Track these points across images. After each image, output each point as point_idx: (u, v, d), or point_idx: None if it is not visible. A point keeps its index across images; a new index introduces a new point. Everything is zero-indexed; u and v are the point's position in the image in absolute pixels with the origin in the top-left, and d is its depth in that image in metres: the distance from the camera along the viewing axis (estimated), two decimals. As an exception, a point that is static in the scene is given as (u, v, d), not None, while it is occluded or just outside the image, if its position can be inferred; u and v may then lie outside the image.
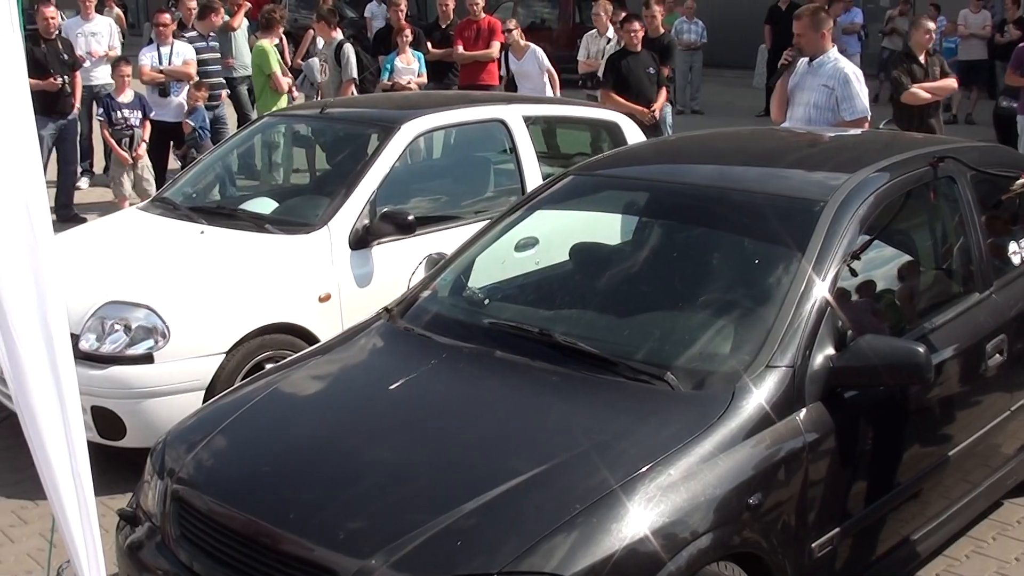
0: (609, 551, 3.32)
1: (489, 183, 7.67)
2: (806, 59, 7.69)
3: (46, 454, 2.91)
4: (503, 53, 13.03)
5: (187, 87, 11.72)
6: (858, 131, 7.02)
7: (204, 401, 5.56)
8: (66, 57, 11.52)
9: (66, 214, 11.27)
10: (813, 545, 3.92)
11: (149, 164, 11.28)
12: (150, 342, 5.72)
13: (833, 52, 7.73)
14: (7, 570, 5.23)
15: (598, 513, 3.39)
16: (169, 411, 5.48)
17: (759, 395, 3.84)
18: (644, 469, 3.53)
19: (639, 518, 3.40)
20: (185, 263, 6.26)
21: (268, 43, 11.95)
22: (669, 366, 4.02)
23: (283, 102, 11.79)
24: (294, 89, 12.51)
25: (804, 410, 3.91)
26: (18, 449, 6.33)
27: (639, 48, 11.06)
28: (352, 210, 6.49)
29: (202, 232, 6.59)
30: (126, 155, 10.98)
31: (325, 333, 5.98)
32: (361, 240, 6.44)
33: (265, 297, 6.07)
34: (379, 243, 6.48)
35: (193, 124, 11.53)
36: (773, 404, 3.84)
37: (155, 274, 6.11)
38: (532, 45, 12.88)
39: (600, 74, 12.73)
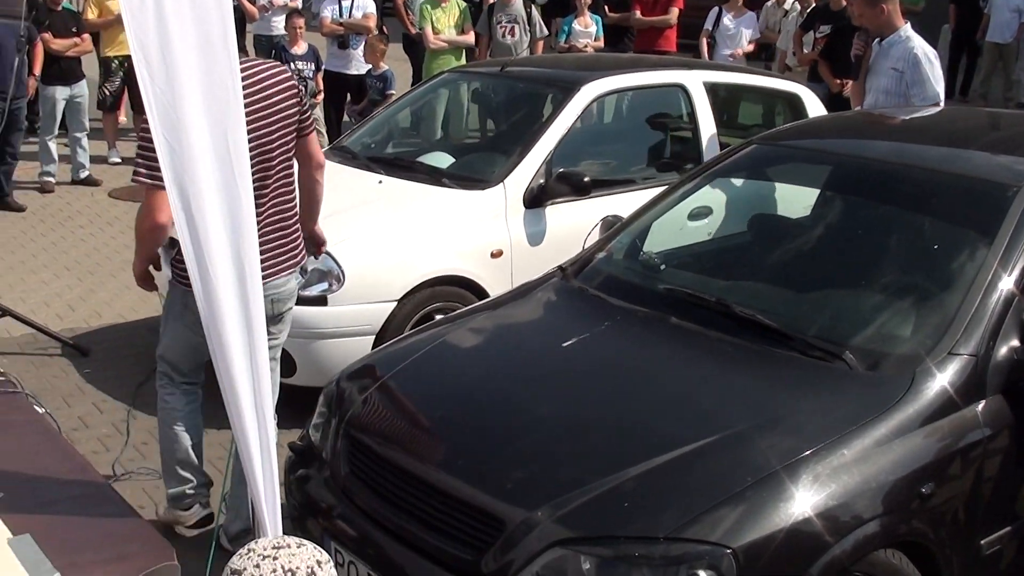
0: (775, 528, 3.25)
1: (665, 149, 7.60)
2: (878, 40, 7.04)
3: (233, 386, 2.96)
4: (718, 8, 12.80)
5: (365, 40, 11.81)
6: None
7: (373, 347, 5.64)
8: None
9: None
10: (982, 542, 3.79)
11: (321, 116, 11.40)
12: (324, 284, 5.83)
13: (905, 30, 6.95)
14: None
15: (767, 488, 3.32)
16: (340, 353, 5.60)
17: (941, 381, 3.72)
18: (817, 447, 3.45)
19: (807, 497, 3.32)
20: (362, 211, 6.35)
21: (428, 4, 11.92)
22: (847, 344, 3.92)
23: (454, 61, 11.78)
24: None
25: (984, 402, 3.77)
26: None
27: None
28: (528, 169, 6.49)
29: (380, 182, 6.67)
30: None
31: (495, 289, 6.03)
32: (536, 199, 6.45)
33: (439, 249, 6.13)
34: (553, 203, 6.47)
35: (372, 80, 11.62)
36: (955, 392, 3.71)
37: (332, 219, 6.18)
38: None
39: (779, 45, 12.51)
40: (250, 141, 3.92)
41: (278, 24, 13.19)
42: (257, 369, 2.98)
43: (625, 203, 6.09)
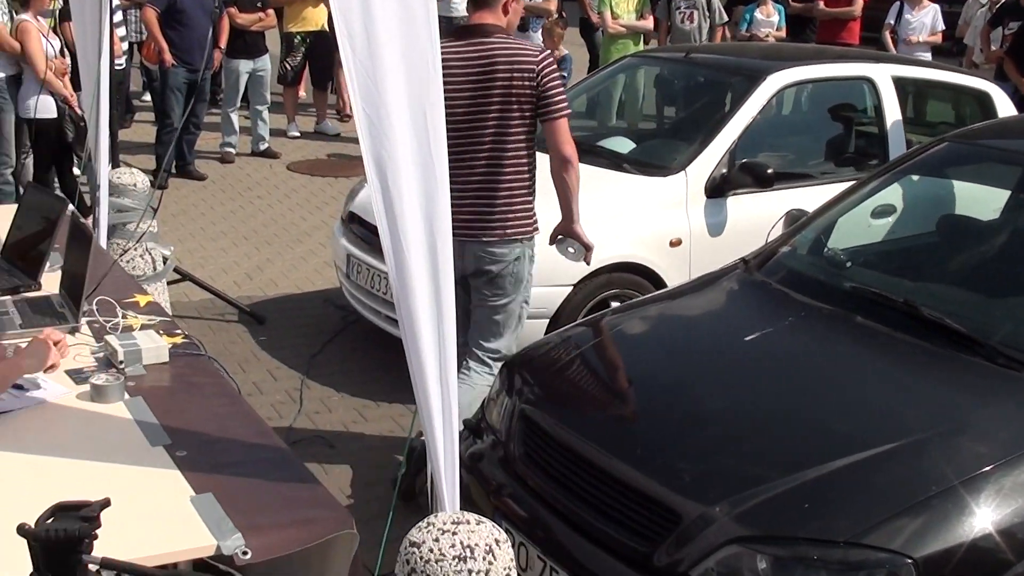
0: (956, 541, 3.12)
1: (849, 144, 7.40)
2: None
3: (420, 358, 2.97)
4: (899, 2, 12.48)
5: (543, 23, 11.81)
6: None
7: (547, 331, 5.64)
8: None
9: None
10: None
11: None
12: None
13: None
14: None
15: (949, 499, 3.19)
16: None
17: None
18: (1002, 460, 3.30)
19: (990, 512, 3.18)
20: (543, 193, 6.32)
21: None
22: (1038, 353, 3.77)
23: (632, 46, 11.71)
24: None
25: None
26: (363, 353, 6.69)
27: None
28: (711, 158, 6.40)
29: None
30: None
31: (672, 278, 5.96)
32: (717, 189, 6.35)
33: (618, 235, 6.07)
34: (734, 194, 6.37)
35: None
36: None
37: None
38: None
39: (967, 41, 12.12)
40: (460, 110, 4.54)
41: (458, 6, 13.27)
42: (444, 342, 2.98)
43: (807, 197, 5.97)
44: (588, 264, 5.25)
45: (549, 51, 4.92)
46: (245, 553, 2.78)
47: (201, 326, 6.99)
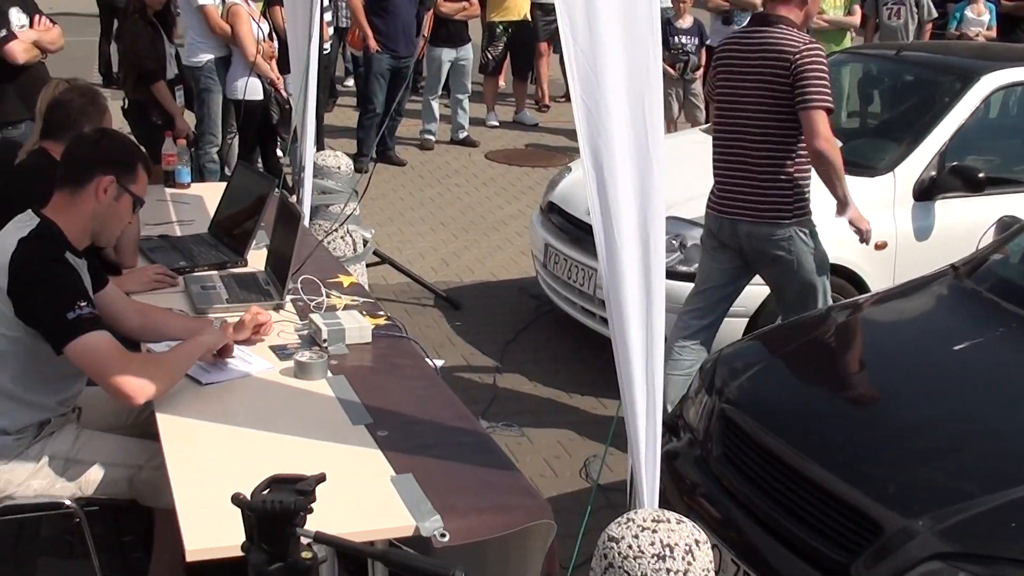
0: None
1: (1068, 150, 7.10)
2: None
3: (627, 351, 2.95)
4: None
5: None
6: None
7: (745, 331, 5.57)
8: None
9: None
10: None
11: (701, 92, 11.36)
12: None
13: None
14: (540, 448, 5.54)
15: None
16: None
17: None
18: None
19: None
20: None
21: None
22: None
23: (836, 43, 11.43)
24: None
25: None
26: (556, 343, 6.71)
27: None
28: (921, 159, 6.21)
29: None
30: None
31: (875, 282, 5.82)
32: (926, 191, 6.16)
33: (822, 236, 5.89)
34: (943, 197, 6.16)
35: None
36: None
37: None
38: None
39: None
40: (742, 94, 5.06)
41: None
42: (652, 337, 2.95)
43: (1019, 203, 5.74)
44: (866, 243, 5.35)
45: (814, 43, 5.02)
46: (443, 536, 2.80)
47: (398, 309, 7.11)
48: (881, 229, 5.97)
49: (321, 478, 2.19)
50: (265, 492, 2.15)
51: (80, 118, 4.59)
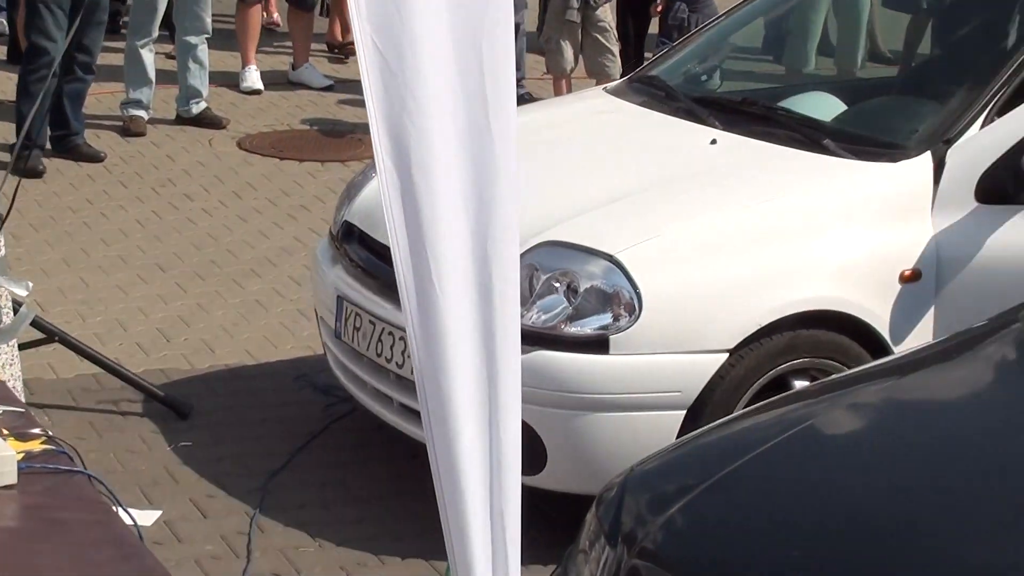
0: None
1: None
2: None
3: (456, 480, 3.00)
4: None
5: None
6: None
7: (683, 431, 5.66)
8: None
9: None
10: None
11: (612, 22, 11.57)
12: (607, 317, 5.86)
13: None
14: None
15: None
16: (625, 437, 5.65)
17: None
18: None
19: None
20: (680, 191, 6.42)
21: None
22: None
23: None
24: None
25: None
26: (359, 469, 6.73)
27: None
28: (990, 133, 6.41)
29: (713, 142, 6.69)
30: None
31: (901, 336, 6.02)
32: (999, 187, 6.34)
33: (807, 264, 6.12)
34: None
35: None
36: None
37: (624, 204, 6.28)
38: None
39: None
40: None
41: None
42: (500, 453, 3.01)
43: None
44: None
45: None
46: None
47: (79, 422, 7.05)
48: (911, 250, 6.15)
49: None
50: None
51: None
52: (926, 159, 6.35)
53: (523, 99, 12.16)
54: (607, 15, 11.51)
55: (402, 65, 2.92)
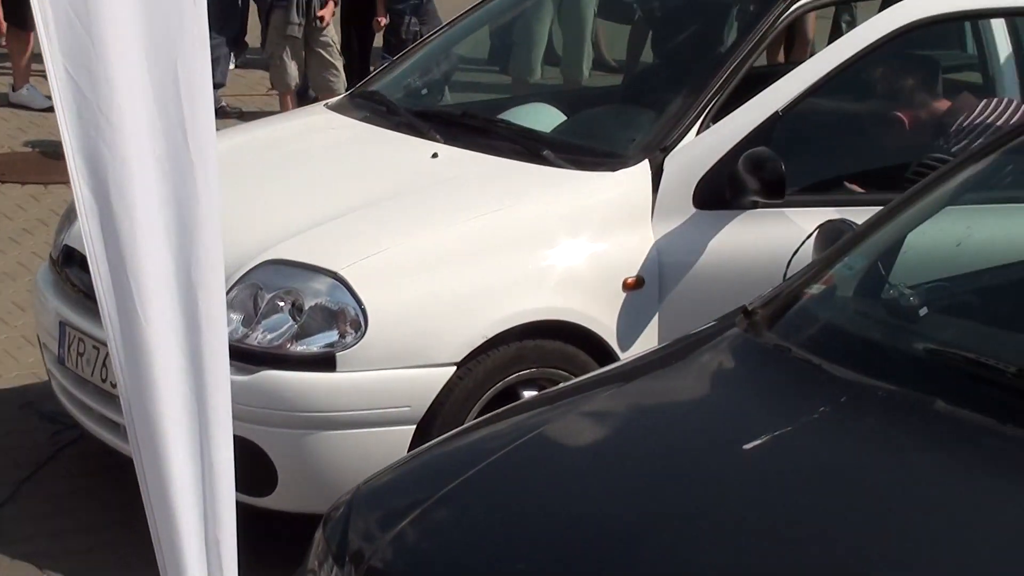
0: None
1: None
2: None
3: (167, 508, 3.00)
4: None
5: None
6: None
7: (412, 446, 5.72)
8: None
9: None
10: None
11: (335, 37, 11.65)
12: (333, 335, 5.90)
13: None
14: None
15: None
16: (356, 455, 5.69)
17: None
18: None
19: None
20: (403, 206, 6.47)
21: None
22: None
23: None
24: None
25: None
26: (87, 500, 6.67)
27: None
28: (707, 137, 6.56)
29: (434, 155, 6.76)
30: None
31: (626, 343, 6.13)
32: (714, 193, 6.47)
33: (532, 275, 6.22)
34: (746, 203, 6.42)
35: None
36: None
37: (349, 220, 6.32)
38: None
39: None
40: None
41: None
42: (212, 482, 3.01)
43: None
44: None
45: None
46: None
47: None
48: (633, 257, 6.25)
49: None
50: None
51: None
52: (644, 167, 6.52)
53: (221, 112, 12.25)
54: (330, 31, 11.65)
55: (96, 92, 2.92)
